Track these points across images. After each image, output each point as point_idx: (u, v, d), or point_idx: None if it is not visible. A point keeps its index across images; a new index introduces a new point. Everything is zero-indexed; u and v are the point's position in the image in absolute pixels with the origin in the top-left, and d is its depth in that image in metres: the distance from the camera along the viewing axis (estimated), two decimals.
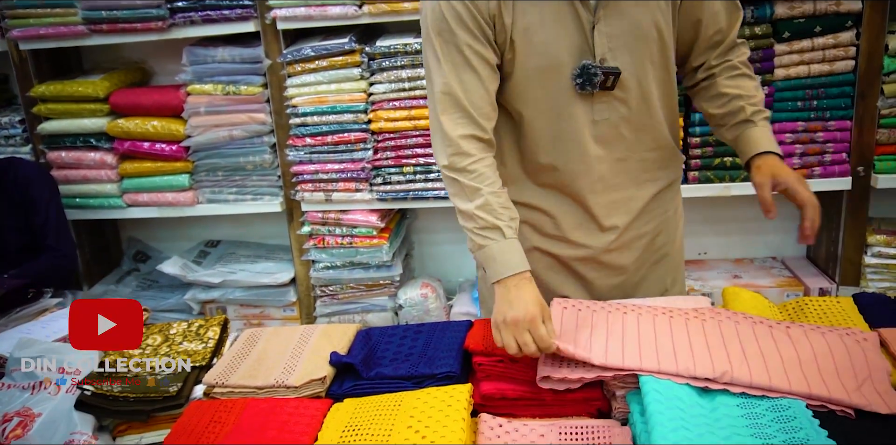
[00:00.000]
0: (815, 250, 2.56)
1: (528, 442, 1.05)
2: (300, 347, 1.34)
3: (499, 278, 1.22)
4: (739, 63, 1.37)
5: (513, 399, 1.16)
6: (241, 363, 1.29)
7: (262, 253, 2.74)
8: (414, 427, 1.01)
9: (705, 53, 1.38)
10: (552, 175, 1.38)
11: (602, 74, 1.26)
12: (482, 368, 1.19)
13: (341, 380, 1.24)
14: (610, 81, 1.28)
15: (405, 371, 1.21)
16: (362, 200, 2.39)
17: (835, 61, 2.16)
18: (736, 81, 1.36)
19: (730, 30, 1.35)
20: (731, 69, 1.37)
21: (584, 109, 1.31)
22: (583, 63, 1.27)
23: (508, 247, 1.23)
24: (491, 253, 1.24)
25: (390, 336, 1.36)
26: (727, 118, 1.37)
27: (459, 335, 1.32)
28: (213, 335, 1.43)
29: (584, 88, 1.28)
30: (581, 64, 1.27)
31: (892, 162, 2.22)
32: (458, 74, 1.26)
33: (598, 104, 1.31)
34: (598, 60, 1.27)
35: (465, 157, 1.26)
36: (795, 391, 1.03)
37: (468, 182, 1.26)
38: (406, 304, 2.46)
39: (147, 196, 2.54)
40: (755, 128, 1.34)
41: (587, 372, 1.12)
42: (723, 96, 1.36)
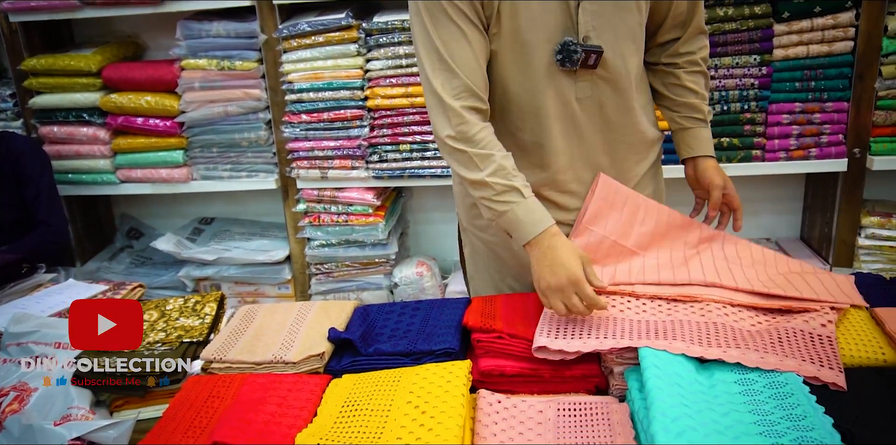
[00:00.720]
0: (808, 231, 2.57)
1: (526, 418, 1.06)
2: (298, 323, 1.34)
3: (529, 238, 1.22)
4: (701, 59, 1.43)
5: (511, 375, 1.16)
6: (239, 339, 1.29)
7: (257, 231, 2.73)
8: (413, 402, 1.01)
9: (672, 31, 1.41)
10: (537, 154, 1.37)
11: (583, 52, 1.27)
12: (481, 345, 1.19)
13: (339, 356, 1.24)
14: (592, 59, 1.28)
15: (404, 348, 1.21)
16: (358, 177, 2.38)
17: (833, 42, 2.15)
18: (696, 77, 1.43)
19: (695, 9, 1.39)
20: (693, 64, 1.43)
21: (567, 86, 1.31)
22: (564, 40, 1.27)
23: (531, 206, 1.23)
24: (515, 216, 1.23)
25: (388, 313, 1.36)
26: (681, 108, 1.45)
27: (458, 312, 1.32)
28: (210, 311, 1.42)
29: (564, 65, 1.28)
30: (563, 40, 1.27)
31: (888, 144, 2.22)
32: (452, 48, 1.25)
33: (581, 82, 1.31)
34: (582, 37, 1.27)
35: (472, 125, 1.25)
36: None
37: (478, 151, 1.25)
38: (401, 282, 2.47)
39: (140, 172, 2.52)
40: (705, 129, 1.45)
41: (584, 345, 1.13)
42: (683, 88, 1.43)
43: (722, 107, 2.23)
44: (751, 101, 2.22)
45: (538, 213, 1.24)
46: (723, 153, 2.25)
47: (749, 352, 1.07)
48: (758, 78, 2.20)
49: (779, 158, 2.25)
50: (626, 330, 1.16)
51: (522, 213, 1.23)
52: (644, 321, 1.19)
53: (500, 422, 1.05)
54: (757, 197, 2.62)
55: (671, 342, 1.10)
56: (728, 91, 2.21)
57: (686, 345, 1.09)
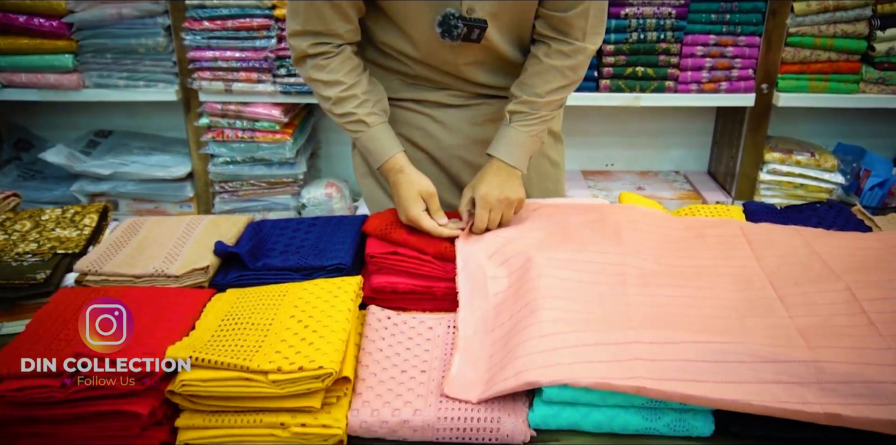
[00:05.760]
0: (715, 165, 2.63)
1: (415, 334, 1.05)
2: (185, 236, 1.27)
3: (377, 166, 1.29)
4: (569, 68, 1.25)
5: (403, 292, 1.14)
6: (119, 251, 1.22)
7: (158, 145, 2.58)
8: (297, 316, 0.98)
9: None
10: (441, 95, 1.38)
11: (464, 27, 1.21)
12: (374, 261, 1.16)
13: (226, 271, 1.19)
14: (475, 33, 1.22)
15: (294, 263, 1.17)
16: (265, 92, 2.26)
17: None
18: (553, 69, 1.25)
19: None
20: (563, 56, 1.24)
21: (451, 54, 1.29)
22: (445, 11, 1.20)
23: (374, 135, 1.28)
24: (363, 144, 1.29)
25: (282, 229, 1.31)
26: (514, 90, 1.29)
27: (353, 228, 1.28)
28: (90, 222, 1.34)
29: (444, 37, 1.22)
30: (444, 12, 1.20)
31: (794, 81, 2.26)
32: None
33: (465, 52, 1.29)
34: (466, 9, 1.20)
35: (311, 58, 1.26)
36: None
37: (325, 76, 1.26)
38: (309, 203, 2.40)
39: (26, 77, 2.32)
40: (519, 128, 1.27)
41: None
42: (534, 70, 1.27)
43: (639, 35, 2.20)
44: (667, 30, 2.20)
45: (382, 142, 1.28)
46: (636, 83, 2.25)
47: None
48: (675, 7, 2.18)
49: (690, 91, 2.26)
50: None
51: (367, 141, 1.28)
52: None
53: (388, 337, 1.03)
54: (668, 130, 2.65)
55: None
56: (646, 19, 2.18)
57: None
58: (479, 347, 1.00)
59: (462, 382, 0.93)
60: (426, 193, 1.24)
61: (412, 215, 1.22)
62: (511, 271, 1.14)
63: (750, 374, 0.87)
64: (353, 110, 1.27)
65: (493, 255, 1.18)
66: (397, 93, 1.38)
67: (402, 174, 1.26)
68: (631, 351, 0.90)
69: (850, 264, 1.10)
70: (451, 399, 0.91)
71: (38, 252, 1.22)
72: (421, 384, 0.94)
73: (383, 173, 1.29)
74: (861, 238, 1.20)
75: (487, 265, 1.16)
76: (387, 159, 1.27)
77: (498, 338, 1.01)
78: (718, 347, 0.89)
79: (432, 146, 1.42)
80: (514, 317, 1.02)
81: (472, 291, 1.11)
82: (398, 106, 1.39)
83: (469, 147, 1.41)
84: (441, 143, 1.41)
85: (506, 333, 1.00)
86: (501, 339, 1.00)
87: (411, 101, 1.39)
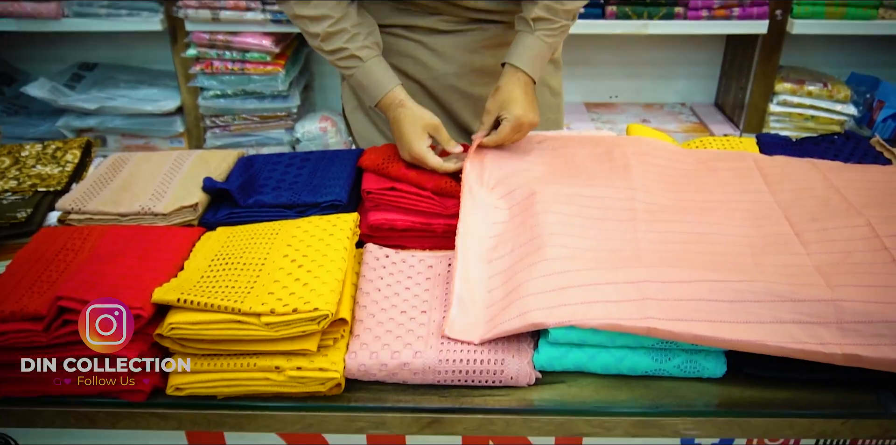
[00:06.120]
0: (723, 97, 2.54)
1: (414, 273, 1.00)
2: (173, 172, 1.21)
3: (374, 103, 1.21)
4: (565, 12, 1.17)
5: (402, 230, 1.09)
6: (104, 189, 1.16)
7: (145, 78, 2.48)
8: (290, 256, 0.93)
9: None
10: None
11: None
12: (371, 197, 1.11)
13: (216, 208, 1.14)
14: None
15: (286, 199, 1.11)
16: (254, 20, 2.15)
17: None
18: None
19: None
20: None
21: None
22: None
23: (369, 69, 1.19)
24: (358, 81, 1.21)
25: (275, 164, 1.25)
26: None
27: (349, 163, 1.22)
28: (73, 158, 1.27)
29: None
30: None
31: (809, 6, 2.15)
32: None
33: None
34: None
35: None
36: None
37: (310, 11, 1.17)
38: (304, 138, 2.33)
39: (0, 5, 2.20)
40: (542, 37, 1.17)
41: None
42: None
43: None
44: None
45: (377, 76, 1.19)
46: (644, 9, 2.13)
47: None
48: None
49: (701, 17, 2.15)
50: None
51: (362, 77, 1.20)
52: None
53: (386, 277, 0.99)
54: (674, 60, 2.55)
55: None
56: None
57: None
58: (476, 278, 0.96)
59: (462, 322, 0.89)
60: (431, 126, 1.17)
61: (416, 152, 1.15)
62: (513, 203, 1.08)
63: (766, 314, 0.83)
64: (344, 45, 1.18)
65: (496, 187, 1.13)
66: (386, 19, 1.28)
67: (403, 109, 1.18)
68: (641, 290, 0.85)
69: (869, 198, 1.05)
70: (452, 341, 0.87)
71: (19, 190, 1.16)
72: (421, 325, 0.90)
73: (381, 110, 1.22)
74: (881, 171, 1.15)
75: (489, 196, 1.11)
76: (384, 94, 1.19)
77: (498, 271, 0.96)
78: (733, 286, 0.85)
79: (424, 76, 1.34)
80: (517, 252, 0.97)
81: (473, 217, 1.05)
82: (387, 33, 1.30)
83: (464, 76, 1.33)
84: (434, 72, 1.33)
85: (507, 268, 0.96)
86: (502, 273, 0.95)
87: (401, 27, 1.30)
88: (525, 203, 1.06)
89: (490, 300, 0.93)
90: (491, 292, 0.94)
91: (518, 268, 0.94)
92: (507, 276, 0.95)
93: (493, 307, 0.91)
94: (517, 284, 0.91)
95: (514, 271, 0.94)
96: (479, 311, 0.91)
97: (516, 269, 0.94)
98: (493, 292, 0.94)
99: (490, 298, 0.93)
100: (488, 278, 0.97)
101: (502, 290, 0.93)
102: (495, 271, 0.97)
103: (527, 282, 0.90)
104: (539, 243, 0.95)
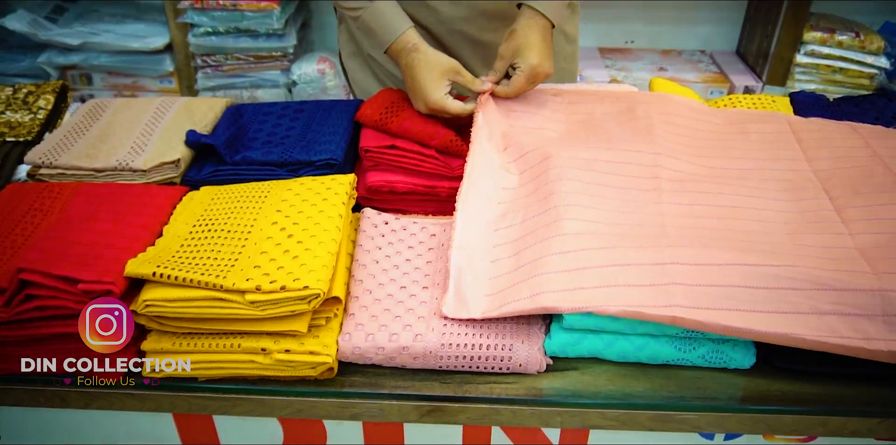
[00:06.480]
0: (746, 45, 2.40)
1: (416, 243, 0.92)
2: (154, 123, 1.11)
3: (385, 47, 1.07)
4: None
5: (403, 193, 1.00)
6: (79, 140, 1.06)
7: (132, 13, 2.32)
8: (280, 223, 0.84)
9: None
10: None
11: None
12: (369, 155, 1.01)
13: (200, 165, 1.04)
14: None
15: (277, 157, 1.02)
16: None
17: None
18: None
19: None
20: None
21: None
22: None
23: (379, 10, 1.07)
24: (366, 24, 1.08)
25: (265, 115, 1.15)
26: None
27: (347, 116, 1.12)
28: (46, 104, 1.17)
29: None
30: None
31: None
32: None
33: None
34: None
35: None
36: None
37: None
38: (300, 80, 2.20)
39: None
40: None
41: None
42: None
43: None
44: None
45: (388, 18, 1.06)
46: None
47: None
48: None
49: None
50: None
51: (371, 19, 1.07)
52: None
53: (385, 246, 0.91)
54: (696, 4, 2.39)
55: None
56: None
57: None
58: (479, 246, 0.87)
59: (461, 297, 0.81)
60: (451, 70, 1.04)
61: (434, 101, 1.02)
62: (525, 167, 0.99)
63: (804, 303, 0.75)
64: None
65: (508, 147, 1.03)
66: None
67: (418, 53, 1.05)
68: (667, 274, 0.77)
69: None
70: (456, 322, 0.80)
71: None
72: (422, 304, 0.82)
73: (392, 56, 1.09)
74: None
75: (499, 158, 1.01)
76: (396, 37, 1.06)
77: (505, 241, 0.88)
78: (769, 271, 0.76)
79: (430, 20, 1.21)
80: (528, 222, 0.88)
81: (480, 179, 0.96)
82: None
83: (473, 20, 1.20)
84: (440, 15, 1.20)
85: (516, 238, 0.87)
86: (510, 244, 0.87)
87: None
88: (539, 168, 0.96)
89: (494, 272, 0.84)
90: (495, 262, 0.86)
91: (530, 241, 0.85)
92: (516, 248, 0.86)
93: (498, 279, 0.83)
94: (529, 259, 0.82)
95: (524, 243, 0.86)
96: (481, 283, 0.83)
97: (528, 241, 0.86)
98: (499, 262, 0.85)
99: (494, 269, 0.85)
100: (493, 247, 0.88)
101: (510, 263, 0.84)
102: (502, 240, 0.89)
103: (540, 259, 0.81)
104: (554, 216, 0.86)
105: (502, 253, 0.87)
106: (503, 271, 0.84)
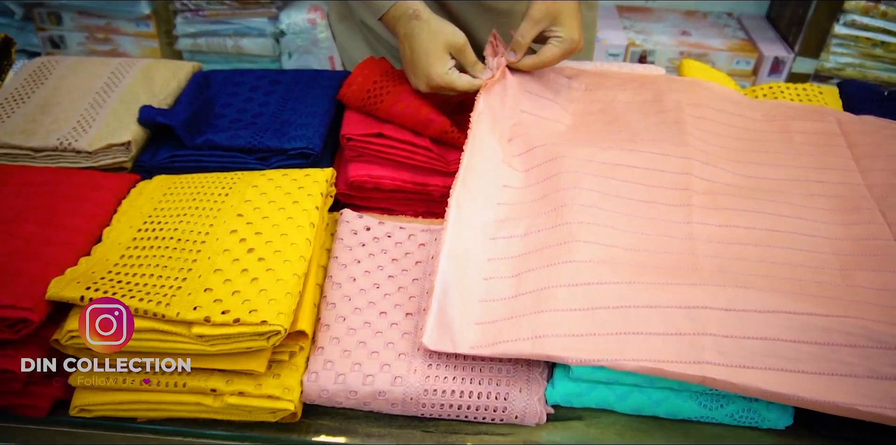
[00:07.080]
0: (778, 10, 2.21)
1: (401, 255, 0.78)
2: (107, 91, 0.95)
3: (380, 14, 0.90)
4: None
5: (389, 190, 0.86)
6: (17, 110, 0.91)
7: None
8: (240, 232, 0.71)
9: None
10: None
11: None
12: (352, 145, 0.87)
13: (157, 147, 0.90)
14: None
15: (245, 142, 0.87)
16: None
17: None
18: None
19: None
20: None
21: None
22: None
23: None
24: None
25: (236, 86, 1.00)
26: None
27: (329, 92, 0.97)
28: None
29: None
30: None
31: None
32: None
33: None
34: None
35: None
36: None
37: None
38: (289, 30, 2.01)
39: None
40: None
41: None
42: None
43: None
44: None
45: None
46: None
47: None
48: None
49: None
50: None
51: None
52: None
53: (365, 259, 0.77)
54: None
55: None
56: None
57: None
58: (470, 254, 0.74)
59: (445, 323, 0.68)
60: (456, 44, 0.87)
61: (438, 76, 0.86)
62: (532, 165, 0.85)
63: (860, 365, 0.62)
64: None
65: (514, 138, 0.89)
66: None
67: (418, 21, 0.88)
68: (697, 321, 0.64)
69: None
70: (444, 364, 0.67)
71: None
72: (404, 336, 0.70)
73: (388, 24, 0.92)
74: None
75: (503, 149, 0.87)
76: (395, 2, 0.89)
77: (502, 256, 0.75)
78: (818, 322, 0.64)
79: None
80: (533, 238, 0.75)
81: (480, 170, 0.82)
82: None
83: None
84: None
85: (517, 255, 0.74)
86: (509, 261, 0.74)
87: None
88: (548, 169, 0.82)
89: (488, 293, 0.72)
90: (490, 281, 0.73)
91: (533, 262, 0.72)
92: (515, 267, 0.73)
93: (491, 304, 0.70)
94: (532, 287, 0.70)
95: (527, 263, 0.73)
96: (470, 307, 0.70)
97: (531, 262, 0.72)
98: (494, 282, 0.72)
99: (488, 290, 0.72)
100: (487, 259, 0.75)
101: (508, 285, 0.72)
102: (500, 253, 0.75)
103: (545, 290, 0.68)
104: (566, 234, 0.73)
105: (499, 271, 0.74)
106: (499, 296, 0.71)
